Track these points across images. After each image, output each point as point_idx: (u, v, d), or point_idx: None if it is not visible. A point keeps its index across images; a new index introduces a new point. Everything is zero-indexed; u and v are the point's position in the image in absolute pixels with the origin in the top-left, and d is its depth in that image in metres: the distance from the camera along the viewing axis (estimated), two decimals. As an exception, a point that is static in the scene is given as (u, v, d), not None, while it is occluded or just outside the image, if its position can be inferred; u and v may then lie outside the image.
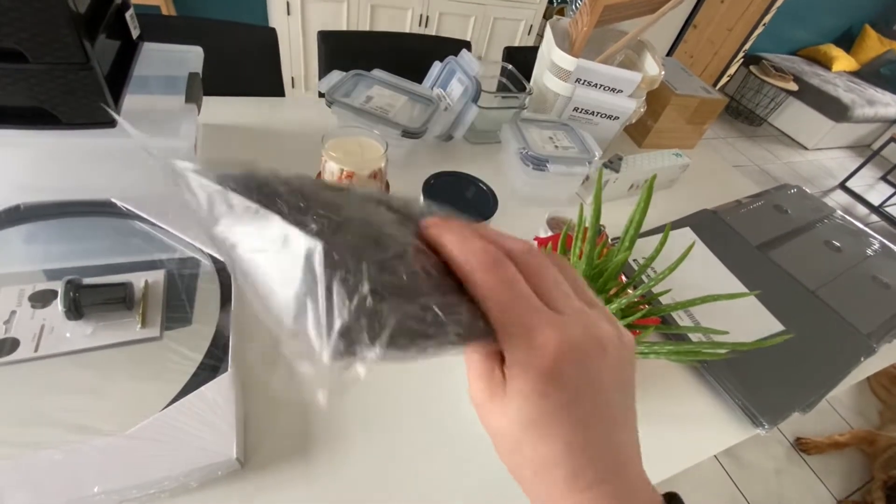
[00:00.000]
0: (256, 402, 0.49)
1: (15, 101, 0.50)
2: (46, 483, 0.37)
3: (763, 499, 1.39)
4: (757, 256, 0.80)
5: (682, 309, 0.43)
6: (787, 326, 0.70)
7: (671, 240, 0.87)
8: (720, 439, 0.59)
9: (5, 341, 0.45)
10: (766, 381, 0.63)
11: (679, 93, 1.03)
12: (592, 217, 0.39)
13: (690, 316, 0.69)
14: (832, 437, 1.57)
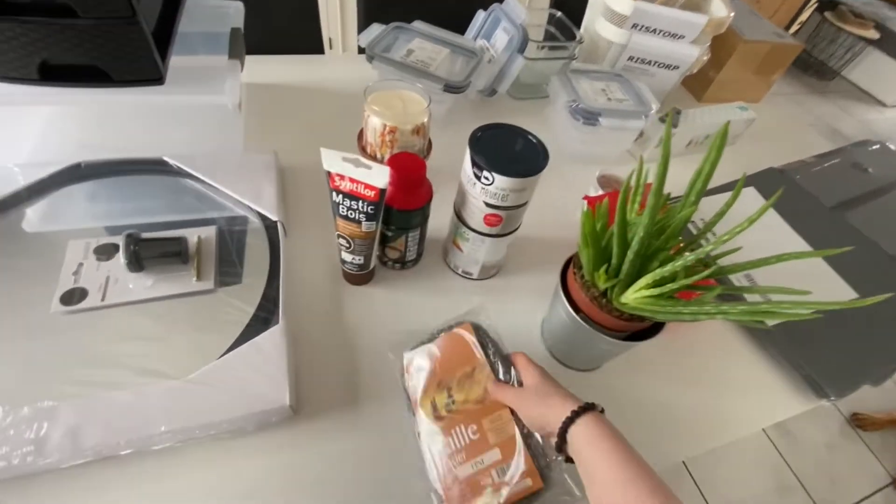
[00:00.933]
0: (306, 354, 0.50)
1: (69, 59, 0.51)
2: (118, 421, 0.39)
3: (812, 473, 1.34)
4: (831, 218, 0.73)
5: (741, 271, 0.39)
6: (861, 294, 0.64)
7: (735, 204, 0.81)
8: (779, 409, 0.56)
9: (75, 290, 0.47)
10: (832, 350, 0.59)
11: (747, 38, 0.93)
12: (660, 166, 0.36)
13: (750, 280, 0.64)
14: (892, 413, 1.48)
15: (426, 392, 0.44)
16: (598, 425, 0.35)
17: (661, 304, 0.37)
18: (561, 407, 0.37)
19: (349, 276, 0.56)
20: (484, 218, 0.50)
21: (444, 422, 0.42)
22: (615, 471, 0.32)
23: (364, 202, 0.46)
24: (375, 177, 0.44)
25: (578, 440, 0.35)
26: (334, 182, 0.45)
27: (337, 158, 0.44)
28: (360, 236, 0.49)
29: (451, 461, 0.40)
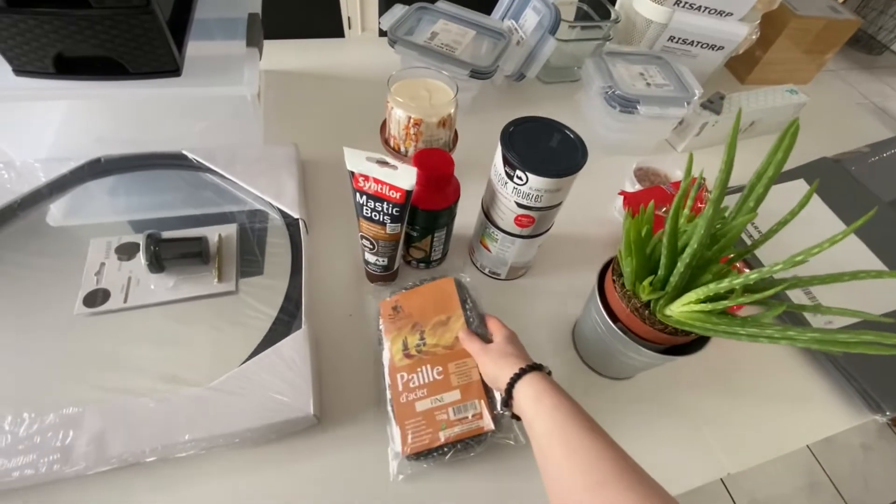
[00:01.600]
0: (329, 357, 0.49)
1: (84, 51, 0.49)
2: (142, 428, 0.39)
3: (845, 473, 1.30)
4: (890, 215, 0.68)
5: (805, 286, 0.36)
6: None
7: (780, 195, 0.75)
8: (830, 424, 0.53)
9: (98, 292, 0.47)
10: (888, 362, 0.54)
11: (800, 13, 0.85)
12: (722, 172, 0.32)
13: (807, 292, 0.60)
14: None
15: (400, 331, 0.47)
16: (541, 383, 0.36)
17: (714, 322, 0.34)
18: (512, 367, 0.39)
19: (372, 277, 0.54)
20: (515, 219, 0.47)
21: (412, 360, 0.45)
22: (555, 426, 0.32)
23: (389, 204, 0.43)
24: (401, 178, 0.41)
25: (523, 398, 0.36)
26: (358, 183, 0.43)
27: (361, 158, 0.41)
28: (384, 238, 0.47)
29: (412, 394, 0.43)
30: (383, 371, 0.46)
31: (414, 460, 0.42)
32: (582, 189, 0.69)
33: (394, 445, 0.42)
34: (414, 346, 0.46)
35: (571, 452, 0.30)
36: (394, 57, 0.70)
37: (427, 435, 0.42)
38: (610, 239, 0.65)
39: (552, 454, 0.31)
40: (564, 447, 0.31)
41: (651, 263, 0.40)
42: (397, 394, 0.44)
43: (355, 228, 0.49)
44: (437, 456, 0.42)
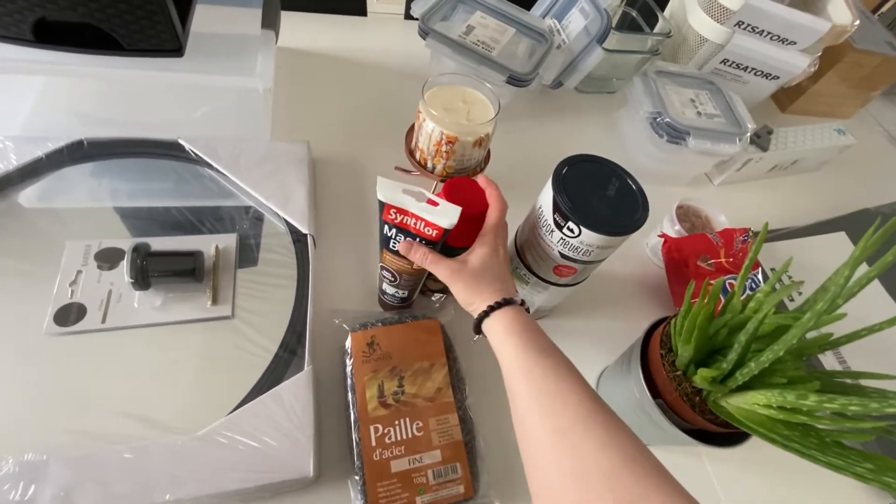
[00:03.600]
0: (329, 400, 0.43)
1: (70, 17, 0.41)
2: (117, 484, 0.34)
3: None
4: (929, 280, 0.64)
5: (831, 349, 0.32)
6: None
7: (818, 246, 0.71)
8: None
9: (72, 307, 0.41)
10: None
11: (858, 47, 0.80)
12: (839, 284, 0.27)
13: (838, 357, 0.56)
14: None
15: (375, 373, 0.42)
16: (511, 319, 0.33)
17: (782, 433, 0.30)
18: (484, 298, 0.35)
19: (387, 306, 0.49)
20: (555, 269, 0.42)
21: (389, 410, 0.41)
22: (521, 367, 0.31)
23: (423, 241, 0.38)
24: (442, 216, 0.36)
25: (492, 334, 0.34)
26: (388, 215, 0.37)
27: (396, 190, 0.35)
28: (409, 273, 0.42)
29: (387, 451, 0.39)
30: (350, 418, 0.41)
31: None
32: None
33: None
34: (391, 394, 0.42)
35: (537, 395, 0.29)
36: (421, 44, 0.63)
37: (402, 500, 0.38)
38: (640, 280, 0.60)
39: (518, 396, 0.30)
40: (530, 390, 0.30)
41: (710, 345, 0.36)
42: (370, 448, 0.39)
43: (369, 241, 0.43)
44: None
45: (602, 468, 0.24)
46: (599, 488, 0.24)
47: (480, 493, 0.40)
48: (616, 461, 0.24)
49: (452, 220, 0.36)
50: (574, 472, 0.25)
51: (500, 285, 0.36)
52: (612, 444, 0.25)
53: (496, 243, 0.38)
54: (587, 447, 0.25)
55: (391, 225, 0.38)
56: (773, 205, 0.74)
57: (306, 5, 0.75)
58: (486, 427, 0.44)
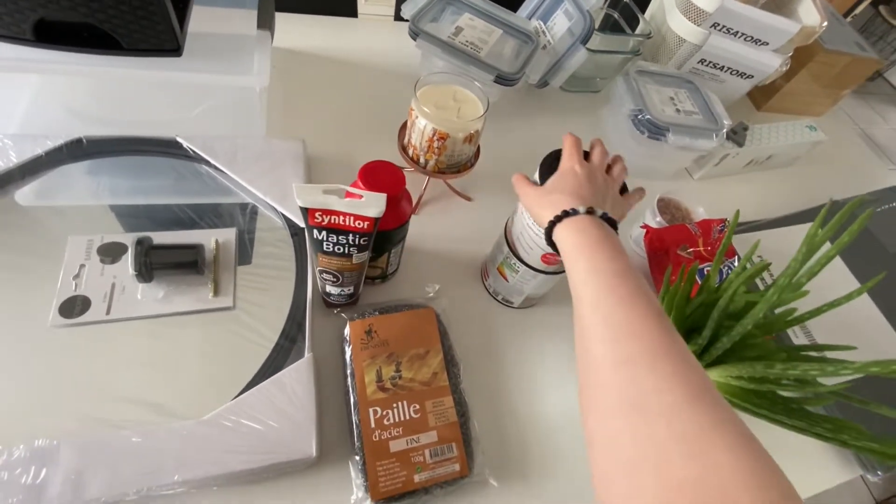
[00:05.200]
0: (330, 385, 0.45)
1: (71, 17, 0.42)
2: (126, 467, 0.35)
3: (797, 489, 1.35)
4: (894, 268, 0.68)
5: (800, 323, 0.35)
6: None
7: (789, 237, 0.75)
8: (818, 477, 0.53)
9: (76, 299, 0.42)
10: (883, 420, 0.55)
11: (828, 47, 0.84)
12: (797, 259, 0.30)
13: (807, 333, 0.60)
14: None
15: (373, 359, 0.44)
16: (582, 232, 0.31)
17: (754, 402, 0.33)
18: (554, 207, 0.34)
19: (333, 306, 0.49)
20: (542, 256, 0.44)
21: (387, 394, 0.43)
22: (588, 289, 0.29)
23: (355, 235, 0.38)
24: (368, 206, 0.36)
25: (562, 250, 0.33)
26: (314, 219, 0.36)
27: (316, 193, 0.35)
28: (350, 269, 0.42)
29: (386, 432, 0.41)
30: (350, 402, 0.43)
31: None
32: (598, 212, 0.67)
33: (357, 490, 0.39)
34: (389, 379, 0.43)
35: (603, 323, 0.27)
36: (410, 44, 0.65)
37: (401, 478, 0.39)
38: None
39: (584, 320, 0.28)
40: (596, 316, 0.28)
41: (688, 324, 0.38)
42: (369, 430, 0.41)
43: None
44: (409, 501, 0.40)
45: (663, 402, 0.23)
46: (656, 421, 0.23)
47: (475, 472, 0.42)
48: (678, 396, 0.23)
49: (381, 208, 0.36)
50: (633, 402, 0.24)
51: (576, 196, 0.34)
52: (676, 380, 0.24)
53: (570, 163, 0.38)
54: (651, 380, 0.24)
55: (320, 228, 0.37)
56: (750, 198, 0.78)
57: (298, 6, 0.77)
58: (479, 409, 0.46)
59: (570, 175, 0.37)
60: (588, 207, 0.33)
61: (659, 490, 0.21)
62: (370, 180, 0.40)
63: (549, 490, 0.44)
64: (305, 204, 0.35)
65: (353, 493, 0.40)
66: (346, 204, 0.36)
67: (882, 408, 0.31)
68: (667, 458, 0.21)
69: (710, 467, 0.20)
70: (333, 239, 0.38)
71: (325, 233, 0.38)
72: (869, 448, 0.28)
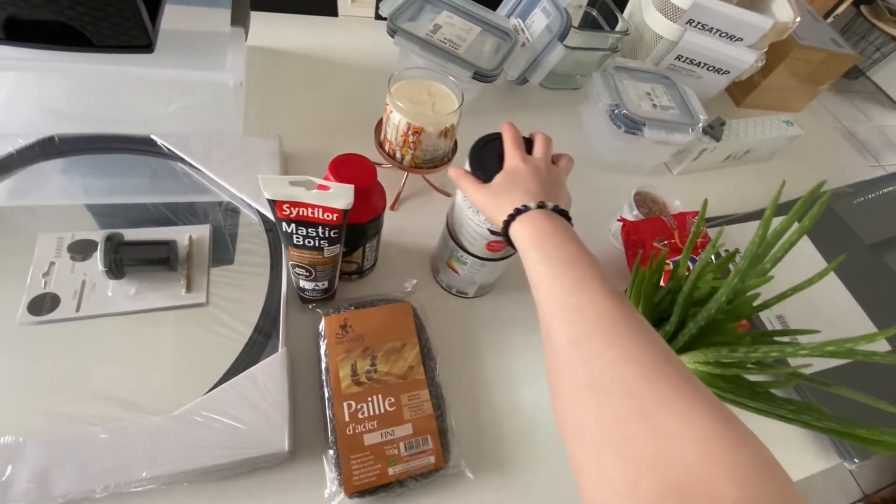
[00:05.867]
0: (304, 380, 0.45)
1: (41, 15, 0.42)
2: (94, 463, 0.35)
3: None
4: (869, 258, 0.69)
5: (766, 309, 0.36)
6: (893, 346, 0.61)
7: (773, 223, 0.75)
8: (797, 465, 0.53)
9: (46, 297, 0.41)
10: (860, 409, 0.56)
11: (803, 43, 0.85)
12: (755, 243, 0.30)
13: (781, 320, 0.60)
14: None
15: (348, 354, 0.44)
16: (535, 226, 0.32)
17: (721, 386, 0.33)
18: (507, 205, 0.35)
19: (308, 301, 0.49)
20: (487, 245, 0.44)
21: (362, 388, 0.43)
22: (541, 280, 0.30)
23: (325, 227, 0.38)
24: (337, 198, 0.36)
25: (518, 245, 0.33)
26: (282, 211, 0.36)
27: (283, 185, 0.35)
28: (322, 263, 0.42)
29: (360, 426, 0.41)
30: (324, 397, 0.42)
31: (357, 497, 0.39)
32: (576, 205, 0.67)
33: (332, 486, 0.39)
34: (364, 373, 0.43)
35: (558, 309, 0.28)
36: (390, 43, 0.65)
37: (375, 471, 0.39)
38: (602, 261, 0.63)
39: (540, 308, 0.30)
40: (550, 303, 0.29)
41: (657, 313, 0.39)
42: (343, 424, 0.41)
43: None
44: (384, 494, 0.40)
45: (620, 379, 0.23)
46: (616, 398, 0.23)
47: (451, 464, 0.42)
48: (636, 371, 0.23)
49: (349, 200, 0.36)
50: (590, 380, 0.24)
51: (526, 192, 0.35)
52: (634, 355, 0.24)
53: (514, 161, 0.38)
54: (606, 356, 0.24)
55: (288, 220, 0.37)
56: (729, 192, 0.78)
57: (279, 6, 0.77)
58: (455, 402, 0.46)
59: (516, 173, 0.37)
60: (539, 202, 0.34)
61: (627, 472, 0.20)
62: (340, 173, 0.40)
63: (524, 481, 0.44)
64: (272, 196, 0.35)
65: (327, 486, 0.39)
66: (314, 196, 0.36)
67: (843, 390, 0.31)
68: (629, 436, 0.21)
69: (670, 440, 0.20)
70: (303, 232, 0.38)
71: (295, 225, 0.37)
72: (829, 428, 0.28)
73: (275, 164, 0.55)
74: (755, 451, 0.19)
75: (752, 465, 0.19)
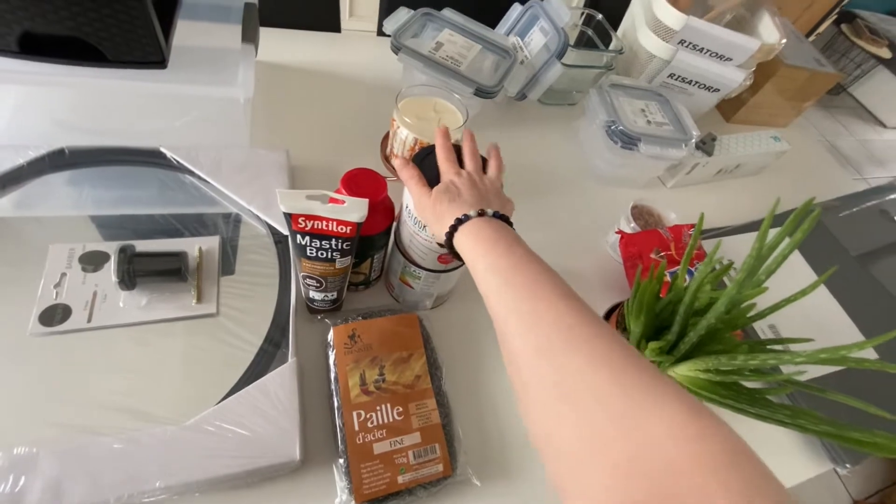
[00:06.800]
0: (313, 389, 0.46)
1: (56, 30, 0.43)
2: (107, 474, 0.35)
3: (778, 490, 1.38)
4: (856, 270, 0.72)
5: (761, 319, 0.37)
6: (881, 355, 0.63)
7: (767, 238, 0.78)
8: (791, 471, 0.55)
9: (57, 308, 0.42)
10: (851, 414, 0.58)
11: (788, 63, 0.89)
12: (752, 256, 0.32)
13: (773, 329, 0.62)
14: None
15: (357, 363, 0.45)
16: (477, 235, 0.32)
17: (720, 394, 0.34)
18: (447, 217, 0.34)
19: (317, 311, 0.49)
20: (438, 258, 0.45)
21: (371, 397, 0.44)
22: (492, 290, 0.29)
23: (338, 240, 0.39)
24: (351, 211, 0.37)
25: (464, 256, 0.33)
26: (297, 224, 0.38)
27: (299, 199, 0.36)
28: (333, 274, 0.43)
29: (370, 434, 0.42)
30: (334, 406, 0.43)
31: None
32: (571, 215, 0.70)
33: (342, 492, 0.39)
34: (372, 382, 0.44)
35: (513, 316, 0.27)
36: (392, 59, 0.67)
37: (385, 479, 0.40)
38: (601, 274, 0.65)
39: (495, 317, 0.29)
40: (504, 311, 0.28)
41: (657, 323, 0.40)
42: (353, 433, 0.41)
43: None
44: (393, 502, 0.40)
45: (590, 384, 0.22)
46: (589, 405, 0.22)
47: (458, 472, 0.43)
48: (604, 375, 0.22)
49: (363, 213, 0.37)
50: (561, 389, 0.23)
51: (464, 203, 0.35)
52: (599, 358, 0.23)
53: (448, 175, 0.38)
54: (573, 364, 0.23)
55: (303, 233, 0.38)
56: (720, 205, 0.81)
57: (282, 22, 0.79)
58: (461, 410, 0.47)
59: (452, 187, 0.37)
60: (478, 210, 0.34)
61: (609, 479, 0.20)
62: (352, 187, 0.41)
63: (530, 488, 0.45)
64: (289, 209, 0.36)
65: (338, 495, 0.40)
66: (328, 209, 0.37)
67: (837, 395, 0.33)
68: (606, 442, 0.21)
69: (648, 440, 0.20)
70: (317, 244, 0.39)
71: (309, 238, 0.39)
72: (825, 432, 0.30)
73: (282, 176, 0.56)
74: (729, 443, 0.19)
75: (731, 461, 0.19)
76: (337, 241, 0.39)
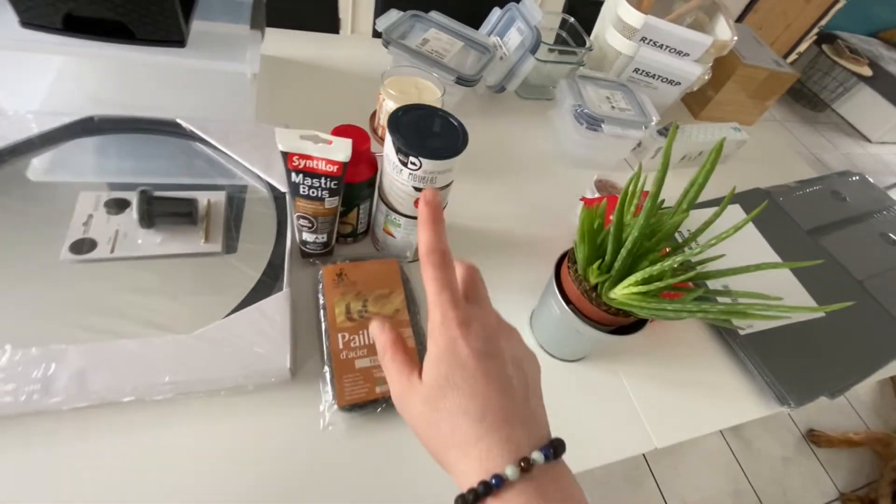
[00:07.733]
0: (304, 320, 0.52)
1: (95, 12, 0.51)
2: (124, 368, 0.41)
3: (766, 483, 1.42)
4: (806, 241, 0.78)
5: (721, 277, 0.43)
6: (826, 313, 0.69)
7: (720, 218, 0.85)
8: (743, 411, 0.60)
9: (85, 241, 0.48)
10: (796, 361, 0.63)
11: (747, 62, 0.97)
12: (659, 172, 0.39)
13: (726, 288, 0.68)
14: (847, 434, 1.57)
15: (343, 296, 0.51)
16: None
17: (647, 301, 0.40)
18: (460, 466, 0.22)
19: (309, 255, 0.56)
20: (415, 202, 0.51)
21: (354, 323, 0.50)
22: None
23: (326, 178, 0.45)
24: (337, 151, 0.44)
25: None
26: (292, 162, 0.44)
27: (294, 138, 0.43)
28: (323, 214, 0.49)
29: (352, 352, 0.48)
30: (321, 330, 0.49)
31: (347, 412, 0.45)
32: (546, 194, 0.77)
33: (326, 400, 0.46)
34: (357, 312, 0.50)
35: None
36: (386, 57, 0.75)
37: (364, 389, 0.46)
38: (567, 238, 0.71)
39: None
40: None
41: (600, 251, 0.47)
42: (337, 350, 0.47)
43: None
44: (370, 409, 0.46)
45: None
46: None
47: None
48: None
49: (347, 153, 0.44)
50: None
51: (492, 429, 0.22)
52: None
53: (452, 329, 0.24)
54: None
55: (297, 171, 0.44)
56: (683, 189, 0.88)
57: (283, 22, 0.88)
58: (435, 341, 0.53)
59: (457, 368, 0.23)
60: (521, 459, 0.21)
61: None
62: (340, 134, 0.49)
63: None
64: (285, 148, 0.43)
65: (322, 401, 0.46)
66: (318, 149, 0.44)
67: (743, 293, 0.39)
68: None
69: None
70: (308, 182, 0.46)
71: (301, 176, 0.46)
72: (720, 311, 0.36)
73: (282, 146, 0.63)
74: None
75: None
76: (325, 180, 0.46)
